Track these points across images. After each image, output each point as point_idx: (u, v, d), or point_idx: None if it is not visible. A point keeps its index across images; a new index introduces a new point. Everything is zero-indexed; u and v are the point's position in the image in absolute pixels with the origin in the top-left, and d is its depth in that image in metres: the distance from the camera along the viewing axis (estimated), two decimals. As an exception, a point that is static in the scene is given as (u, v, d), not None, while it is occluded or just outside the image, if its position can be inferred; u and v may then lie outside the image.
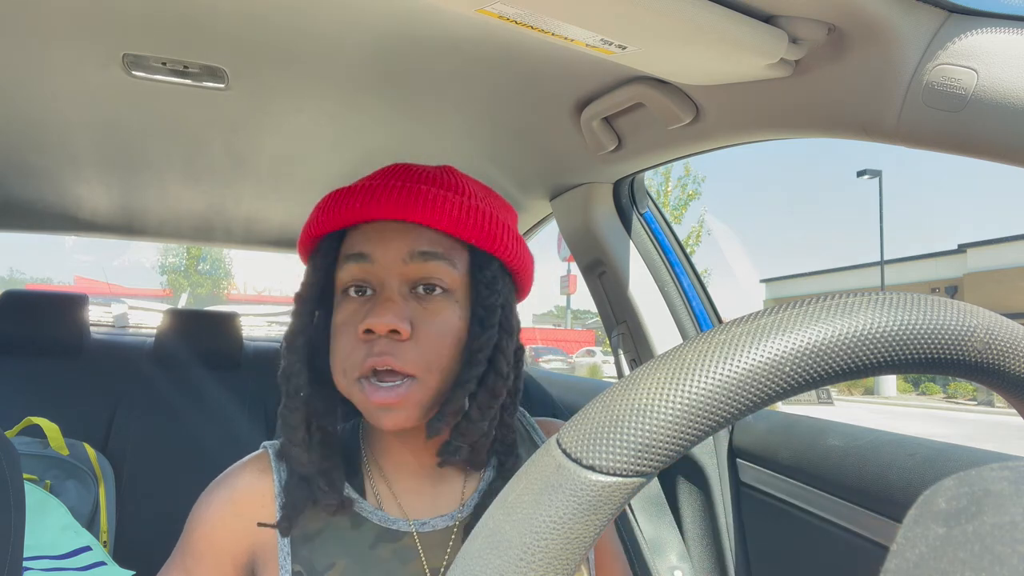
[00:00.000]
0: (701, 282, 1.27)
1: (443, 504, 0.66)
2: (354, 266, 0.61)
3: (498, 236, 0.64)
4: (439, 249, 0.61)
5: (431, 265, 0.60)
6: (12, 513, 0.60)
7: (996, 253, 19.85)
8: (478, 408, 0.62)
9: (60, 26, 0.80)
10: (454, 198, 0.62)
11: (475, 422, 0.62)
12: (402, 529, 0.63)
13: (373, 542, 0.62)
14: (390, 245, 0.60)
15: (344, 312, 0.61)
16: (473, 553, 0.26)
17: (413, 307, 0.60)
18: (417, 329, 0.59)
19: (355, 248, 0.61)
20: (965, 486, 0.20)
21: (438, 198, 0.61)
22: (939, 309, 0.26)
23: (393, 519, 0.64)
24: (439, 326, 0.60)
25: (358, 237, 0.62)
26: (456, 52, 0.84)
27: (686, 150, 0.95)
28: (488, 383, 0.62)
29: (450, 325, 0.61)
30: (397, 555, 0.62)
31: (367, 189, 0.62)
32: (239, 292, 32.54)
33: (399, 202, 0.60)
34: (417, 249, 0.60)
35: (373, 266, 0.60)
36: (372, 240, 0.61)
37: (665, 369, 0.26)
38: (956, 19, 0.54)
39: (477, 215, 0.63)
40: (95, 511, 1.47)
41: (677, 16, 0.57)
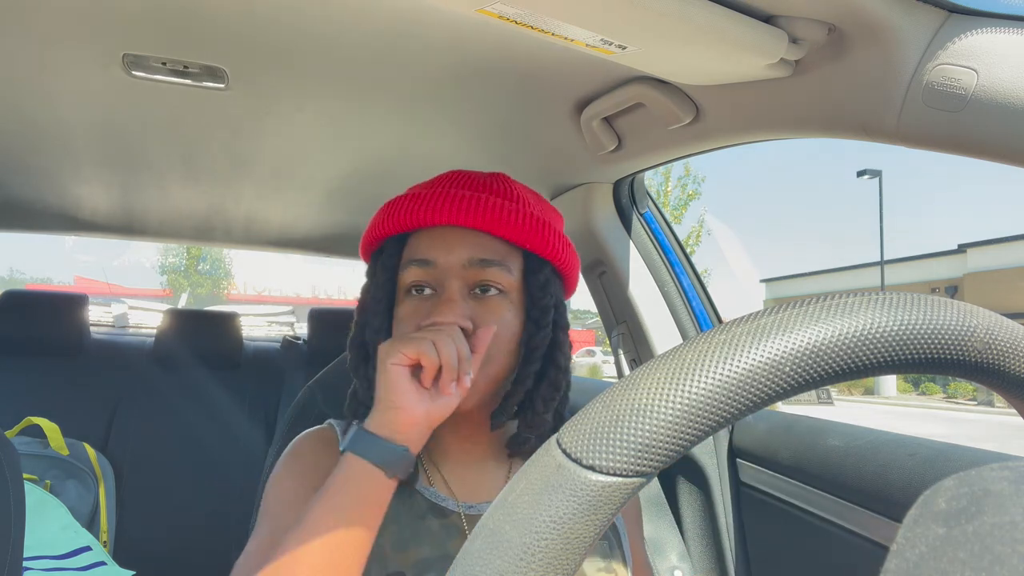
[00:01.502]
0: (701, 282, 1.27)
1: (485, 492, 0.70)
2: (417, 269, 0.65)
3: (550, 241, 0.69)
4: (497, 256, 0.66)
5: (490, 271, 0.65)
6: (12, 513, 0.60)
7: (996, 253, 19.85)
8: (542, 400, 0.68)
9: (60, 26, 0.80)
10: (511, 206, 0.67)
11: (540, 414, 0.68)
12: (450, 507, 0.67)
13: (423, 513, 0.66)
14: (452, 251, 0.65)
15: (407, 307, 0.66)
16: (473, 553, 0.26)
17: (472, 305, 0.65)
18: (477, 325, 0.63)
19: (419, 253, 0.66)
20: (965, 486, 0.20)
21: (497, 206, 0.66)
22: (939, 309, 0.26)
23: (443, 497, 0.68)
24: (496, 322, 0.64)
25: (422, 242, 0.67)
26: (456, 52, 0.84)
27: (686, 150, 0.95)
28: (550, 377, 0.68)
29: (506, 322, 0.65)
30: (444, 529, 0.65)
31: (431, 197, 0.66)
32: (239, 292, 32.53)
33: (462, 210, 0.65)
34: (477, 256, 0.65)
35: (435, 270, 0.65)
36: (435, 246, 0.66)
37: (665, 369, 0.26)
38: (956, 19, 0.54)
39: (532, 222, 0.67)
40: (95, 511, 1.48)
41: (677, 16, 0.57)
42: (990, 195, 73.69)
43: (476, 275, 0.65)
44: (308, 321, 2.02)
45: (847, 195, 66.83)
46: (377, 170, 1.34)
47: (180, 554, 1.61)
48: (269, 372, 1.94)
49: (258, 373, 1.94)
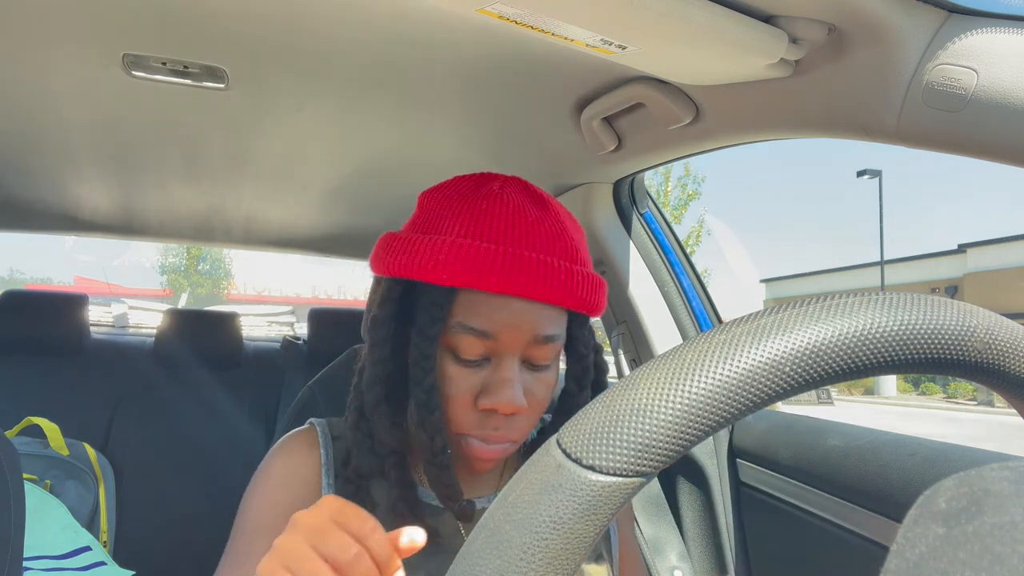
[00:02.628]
0: (701, 282, 1.27)
1: (479, 488, 0.69)
2: (475, 340, 0.58)
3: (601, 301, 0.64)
4: (559, 330, 0.61)
5: (551, 347, 0.60)
6: (12, 513, 0.60)
7: (996, 253, 19.84)
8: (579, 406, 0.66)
9: (60, 26, 0.80)
10: (572, 268, 0.60)
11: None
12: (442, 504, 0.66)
13: None
14: (520, 327, 0.58)
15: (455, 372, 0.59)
16: (473, 553, 0.26)
17: (525, 377, 0.60)
18: (528, 398, 0.60)
19: (477, 323, 0.58)
20: (965, 486, 0.20)
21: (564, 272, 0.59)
22: (939, 309, 0.26)
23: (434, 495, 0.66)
24: (547, 392, 0.62)
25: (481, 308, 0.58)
26: (456, 52, 0.84)
27: (686, 150, 0.95)
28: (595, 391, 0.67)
29: (552, 383, 0.63)
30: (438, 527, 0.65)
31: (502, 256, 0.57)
32: (239, 292, 32.52)
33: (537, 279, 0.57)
34: (543, 333, 0.59)
35: (496, 343, 0.58)
36: (498, 320, 0.57)
37: (665, 369, 0.26)
38: (956, 19, 0.54)
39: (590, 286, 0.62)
40: (95, 511, 1.47)
41: (677, 16, 0.57)
42: (990, 195, 73.75)
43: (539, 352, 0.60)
44: (308, 321, 2.02)
45: (847, 195, 66.84)
46: (377, 170, 1.34)
47: (180, 554, 1.61)
48: (269, 372, 1.94)
49: (258, 373, 1.94)
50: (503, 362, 0.59)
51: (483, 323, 0.58)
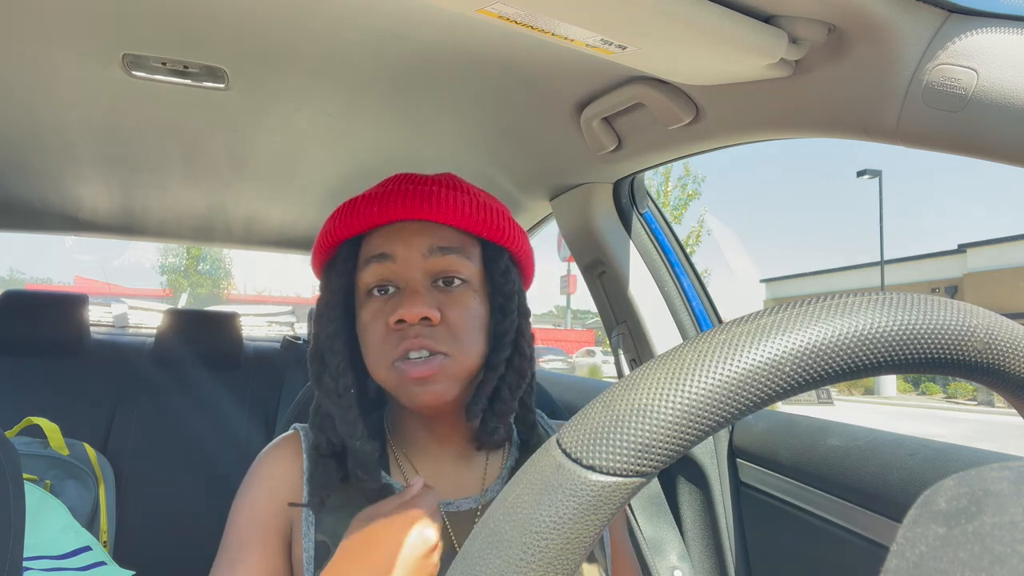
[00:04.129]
0: (701, 282, 1.27)
1: (466, 487, 0.69)
2: (377, 266, 0.64)
3: (505, 230, 0.69)
4: (456, 244, 0.66)
5: (449, 259, 0.65)
6: (12, 513, 0.60)
7: (996, 253, 19.84)
8: (508, 388, 0.68)
9: (60, 26, 0.80)
10: (463, 197, 0.67)
11: (507, 401, 0.68)
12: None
13: None
14: (411, 243, 0.64)
15: (371, 310, 0.65)
16: (473, 553, 0.26)
17: (437, 297, 0.64)
18: (444, 315, 0.63)
19: (377, 249, 0.65)
20: (965, 486, 0.20)
21: (450, 198, 0.66)
22: (939, 309, 0.26)
23: None
24: (464, 311, 0.64)
25: (379, 239, 0.66)
26: (456, 52, 0.84)
27: (686, 150, 0.95)
28: (515, 364, 0.68)
29: (473, 310, 0.65)
30: None
31: (384, 195, 0.66)
32: (239, 292, 32.54)
33: (416, 203, 0.65)
34: (436, 245, 0.64)
35: (396, 264, 0.64)
36: (393, 240, 0.65)
37: (665, 369, 0.26)
38: (956, 19, 0.54)
39: (486, 211, 0.68)
40: (95, 511, 1.47)
41: (677, 16, 0.57)
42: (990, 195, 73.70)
43: (437, 265, 0.64)
44: (308, 321, 2.02)
45: (847, 195, 66.80)
46: (377, 170, 1.34)
47: (180, 554, 1.61)
48: (269, 372, 1.94)
49: (258, 373, 1.94)
50: (407, 280, 0.64)
51: (379, 247, 0.65)
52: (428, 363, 0.61)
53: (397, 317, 0.61)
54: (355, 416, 0.64)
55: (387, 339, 0.63)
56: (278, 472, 0.67)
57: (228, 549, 0.64)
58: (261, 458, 0.69)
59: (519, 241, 0.71)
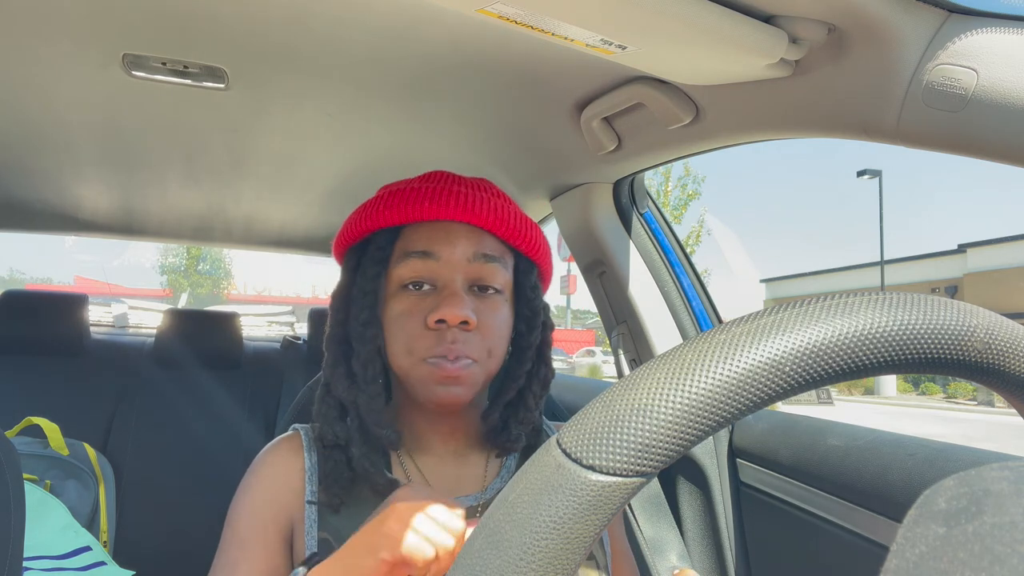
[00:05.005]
0: (701, 282, 1.27)
1: (466, 486, 0.69)
2: (418, 262, 0.65)
3: (540, 245, 0.71)
4: (497, 253, 0.67)
5: (490, 267, 0.66)
6: (12, 513, 0.59)
7: (996, 253, 19.84)
8: (533, 397, 0.69)
9: (60, 26, 0.80)
10: (507, 206, 0.68)
11: (532, 410, 0.69)
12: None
13: None
14: (457, 245, 0.65)
15: (404, 303, 0.65)
16: (473, 553, 0.26)
17: (473, 301, 0.65)
18: (479, 321, 0.64)
19: (419, 246, 0.65)
20: (965, 486, 0.20)
21: (496, 205, 0.67)
22: (939, 309, 0.26)
23: None
24: (497, 319, 0.66)
25: (421, 235, 0.66)
26: (456, 52, 0.84)
27: (686, 150, 0.95)
28: (541, 375, 0.70)
29: (504, 319, 0.67)
30: None
31: (433, 191, 0.66)
32: (239, 292, 32.55)
33: (466, 206, 0.65)
34: (481, 252, 0.66)
35: (438, 264, 0.65)
36: (438, 239, 0.65)
37: (665, 369, 0.26)
38: (956, 19, 0.54)
39: (526, 226, 0.69)
40: (95, 511, 1.47)
41: (677, 16, 0.57)
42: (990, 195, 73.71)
43: (478, 271, 0.65)
44: (308, 321, 2.02)
45: (847, 195, 66.81)
46: (377, 170, 1.34)
47: (180, 554, 1.61)
48: (269, 372, 1.94)
49: (258, 373, 1.94)
50: (449, 282, 0.64)
51: (423, 244, 0.65)
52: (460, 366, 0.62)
53: (439, 316, 0.62)
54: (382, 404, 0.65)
55: (422, 336, 0.63)
56: (279, 471, 0.67)
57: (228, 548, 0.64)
58: (261, 458, 0.69)
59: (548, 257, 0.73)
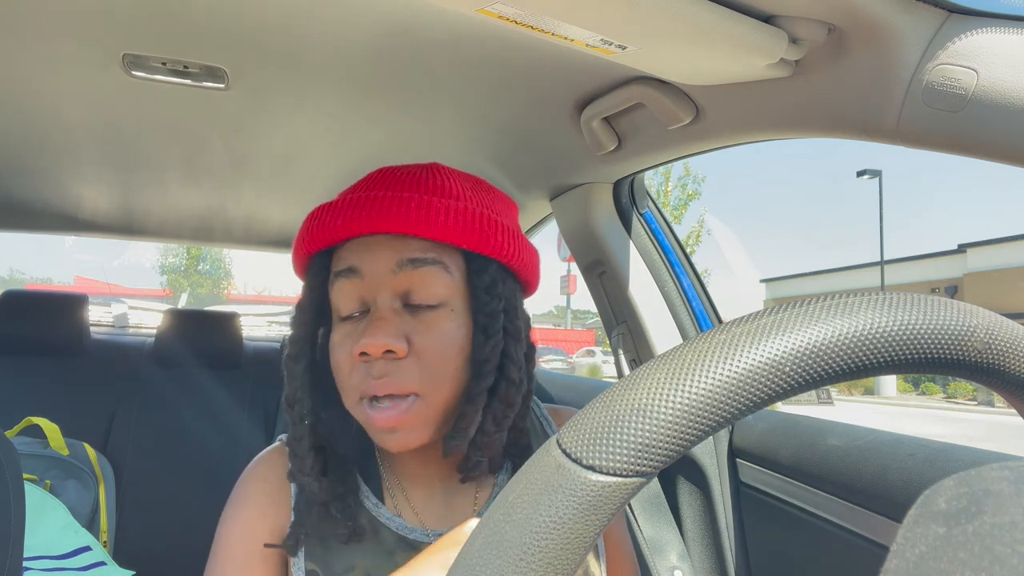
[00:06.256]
0: (701, 282, 1.27)
1: (457, 514, 0.66)
2: (346, 282, 0.59)
3: (491, 237, 0.60)
4: (430, 255, 0.58)
5: (423, 272, 0.57)
6: (12, 513, 0.59)
7: (996, 253, 19.84)
8: (493, 420, 0.60)
9: (60, 26, 0.80)
10: (440, 203, 0.59)
11: (491, 434, 0.60)
12: (419, 539, 0.63)
13: (392, 548, 0.62)
14: (378, 256, 0.58)
15: (340, 333, 0.59)
16: (473, 553, 0.26)
17: (408, 321, 0.57)
18: (415, 344, 0.56)
19: (343, 263, 0.59)
20: (965, 486, 0.20)
21: (423, 205, 0.58)
22: (939, 309, 0.26)
23: (411, 527, 0.63)
24: (438, 338, 0.57)
25: (347, 252, 0.60)
26: (456, 52, 0.84)
27: (686, 150, 0.95)
28: (500, 392, 0.60)
29: (450, 336, 0.58)
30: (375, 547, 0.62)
31: (351, 203, 0.59)
32: (239, 292, 32.56)
33: (383, 213, 0.57)
34: (406, 257, 0.57)
35: (364, 280, 0.58)
36: (360, 253, 0.59)
37: (665, 369, 0.26)
38: (956, 19, 0.54)
39: (466, 218, 0.59)
40: (95, 511, 1.47)
41: (677, 16, 0.57)
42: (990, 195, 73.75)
43: (408, 280, 0.57)
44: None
45: (847, 195, 66.83)
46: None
47: (180, 554, 1.61)
48: (269, 372, 1.94)
49: (258, 373, 1.93)
50: (376, 304, 0.58)
51: (347, 262, 0.59)
52: (395, 408, 0.55)
53: (360, 349, 0.55)
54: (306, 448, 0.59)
55: (353, 370, 0.57)
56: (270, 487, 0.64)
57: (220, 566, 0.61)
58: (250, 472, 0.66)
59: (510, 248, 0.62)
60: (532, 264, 0.66)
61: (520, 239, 0.64)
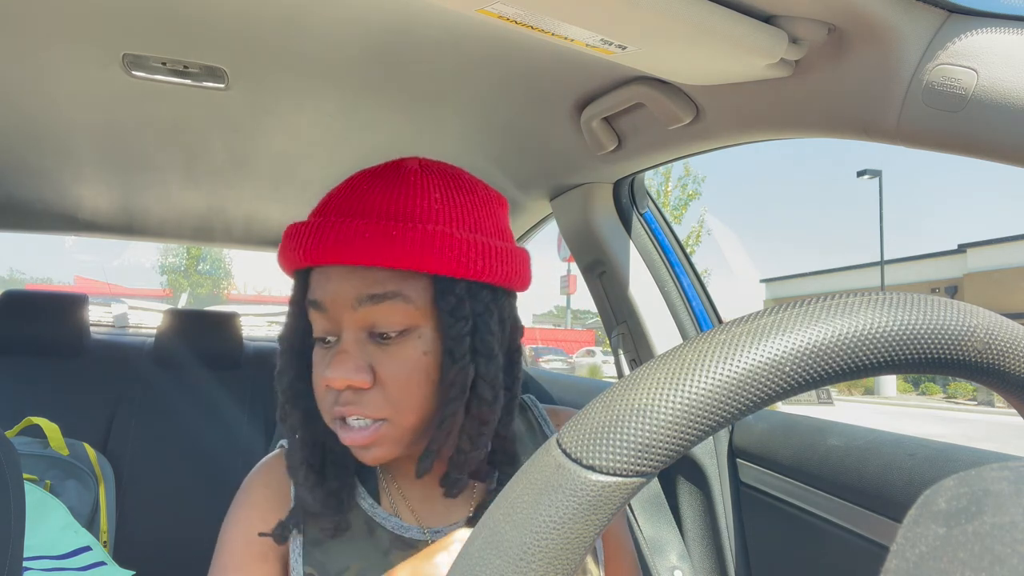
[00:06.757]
0: (701, 282, 1.27)
1: (454, 512, 0.66)
2: (315, 312, 0.59)
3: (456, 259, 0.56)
4: (389, 288, 0.56)
5: (383, 307, 0.56)
6: (12, 513, 0.59)
7: (996, 253, 19.85)
8: (468, 439, 0.59)
9: (60, 26, 0.80)
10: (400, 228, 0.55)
11: (468, 453, 0.60)
12: (416, 537, 0.63)
13: (388, 548, 0.62)
14: (338, 292, 0.56)
15: (317, 355, 0.60)
16: (473, 553, 0.26)
17: (372, 352, 0.57)
18: (379, 374, 0.56)
19: (311, 293, 0.59)
20: (965, 486, 0.20)
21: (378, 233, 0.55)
22: (939, 309, 0.26)
23: (407, 526, 0.64)
24: (402, 368, 0.56)
25: (313, 281, 0.59)
26: (456, 52, 0.84)
27: (686, 150, 0.95)
28: (473, 412, 0.59)
29: (414, 364, 0.56)
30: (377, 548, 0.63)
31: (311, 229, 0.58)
32: (239, 292, 32.58)
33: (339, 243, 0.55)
34: (365, 293, 0.55)
35: (328, 313, 0.57)
36: (323, 286, 0.58)
37: (665, 369, 0.26)
38: (956, 19, 0.54)
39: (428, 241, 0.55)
40: (95, 511, 1.47)
41: (677, 16, 0.57)
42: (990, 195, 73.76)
43: (368, 316, 0.56)
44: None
45: (847, 195, 66.86)
46: (377, 170, 1.34)
47: (180, 554, 1.61)
48: (269, 372, 1.93)
49: (258, 373, 1.94)
50: (340, 337, 0.57)
51: (314, 294, 0.58)
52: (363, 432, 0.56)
53: (324, 382, 0.56)
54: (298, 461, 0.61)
55: (325, 395, 0.58)
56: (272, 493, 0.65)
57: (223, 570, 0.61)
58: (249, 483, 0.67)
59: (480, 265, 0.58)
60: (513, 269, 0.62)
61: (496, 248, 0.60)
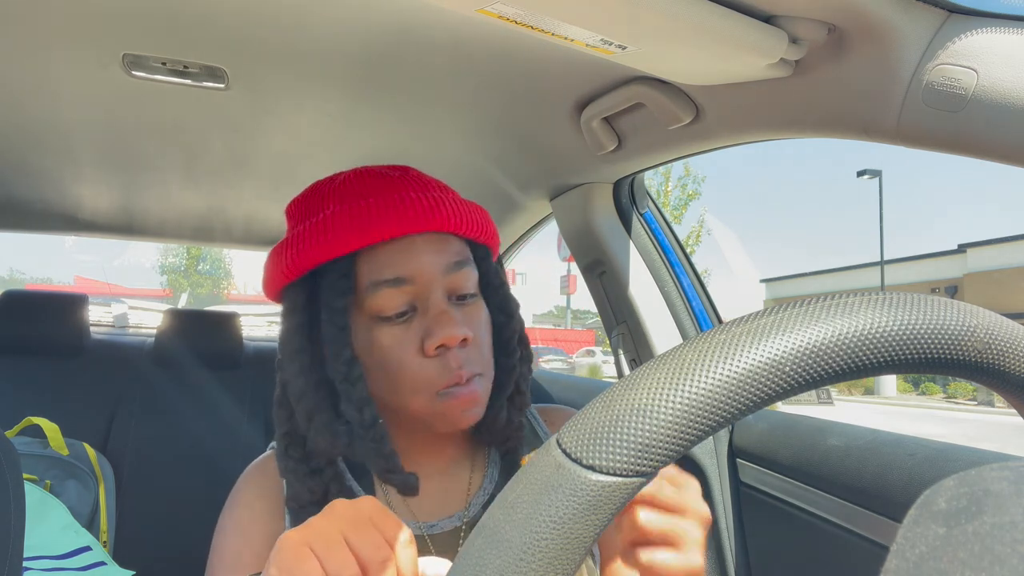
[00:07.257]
0: (701, 282, 1.27)
1: (449, 505, 0.67)
2: (394, 291, 0.58)
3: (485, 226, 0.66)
4: (466, 255, 0.62)
5: (464, 272, 0.61)
6: (12, 513, 0.59)
7: (996, 253, 19.85)
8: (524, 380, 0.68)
9: (60, 26, 0.80)
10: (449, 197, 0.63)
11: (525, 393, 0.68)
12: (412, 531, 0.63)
13: None
14: (428, 261, 0.59)
15: (388, 337, 0.59)
16: (473, 553, 0.26)
17: (459, 313, 0.61)
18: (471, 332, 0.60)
19: (389, 272, 0.58)
20: (965, 486, 0.20)
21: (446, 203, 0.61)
22: (939, 309, 0.26)
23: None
24: (482, 324, 0.62)
25: (387, 258, 0.59)
26: (456, 52, 0.84)
27: (686, 150, 0.95)
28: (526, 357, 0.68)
29: (485, 321, 0.63)
30: None
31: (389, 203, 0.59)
32: (239, 292, 32.57)
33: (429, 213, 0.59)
34: (453, 261, 0.61)
35: (415, 287, 0.59)
36: (408, 260, 0.58)
37: (665, 369, 0.26)
38: (956, 19, 0.54)
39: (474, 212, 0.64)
40: (95, 511, 1.47)
41: (677, 16, 0.57)
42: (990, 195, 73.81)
43: (454, 282, 0.60)
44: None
45: (847, 195, 66.92)
46: (377, 170, 1.34)
47: (180, 554, 1.61)
48: (269, 372, 1.93)
49: (258, 373, 1.93)
50: (430, 302, 0.59)
51: (394, 271, 0.58)
52: (478, 386, 0.59)
53: (438, 343, 0.57)
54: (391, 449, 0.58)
55: (423, 367, 0.58)
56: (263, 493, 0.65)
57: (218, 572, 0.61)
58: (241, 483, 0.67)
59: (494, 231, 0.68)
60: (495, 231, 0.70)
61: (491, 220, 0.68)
